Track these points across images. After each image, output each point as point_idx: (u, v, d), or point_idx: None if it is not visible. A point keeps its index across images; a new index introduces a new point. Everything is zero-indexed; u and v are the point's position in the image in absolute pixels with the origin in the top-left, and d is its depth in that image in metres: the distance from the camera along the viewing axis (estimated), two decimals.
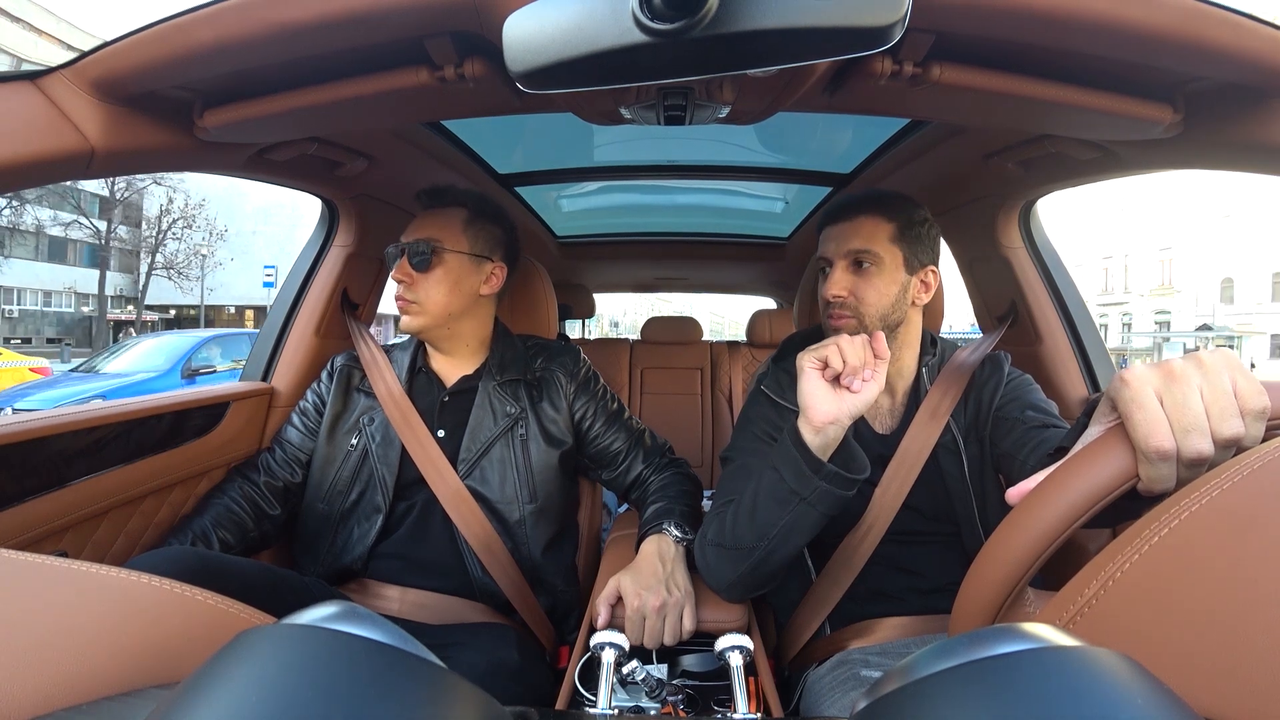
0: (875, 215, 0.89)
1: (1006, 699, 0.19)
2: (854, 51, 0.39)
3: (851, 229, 0.89)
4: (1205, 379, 0.41)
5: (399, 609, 0.96)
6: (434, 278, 1.00)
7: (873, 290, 0.87)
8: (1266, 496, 0.29)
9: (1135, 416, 0.41)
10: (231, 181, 18.74)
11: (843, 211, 0.91)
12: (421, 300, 1.00)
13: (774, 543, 0.74)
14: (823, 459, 0.71)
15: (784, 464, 0.73)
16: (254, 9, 0.58)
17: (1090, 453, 0.43)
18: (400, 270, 0.99)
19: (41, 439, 0.79)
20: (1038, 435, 0.82)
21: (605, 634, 0.71)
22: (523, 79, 0.42)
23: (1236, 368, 0.42)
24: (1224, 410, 0.40)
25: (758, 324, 2.47)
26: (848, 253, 0.89)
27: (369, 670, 0.20)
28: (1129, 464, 0.41)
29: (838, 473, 0.71)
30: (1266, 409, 0.40)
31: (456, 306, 1.02)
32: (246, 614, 0.33)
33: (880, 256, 0.87)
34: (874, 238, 0.88)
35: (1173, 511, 0.32)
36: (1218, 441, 0.40)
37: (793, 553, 0.76)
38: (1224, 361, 0.42)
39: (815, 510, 0.72)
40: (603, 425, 1.09)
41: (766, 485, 0.75)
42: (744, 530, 0.76)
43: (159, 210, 21.97)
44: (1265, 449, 0.32)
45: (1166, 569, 0.31)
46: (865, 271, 0.88)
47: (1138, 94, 0.69)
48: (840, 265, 0.89)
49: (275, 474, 1.05)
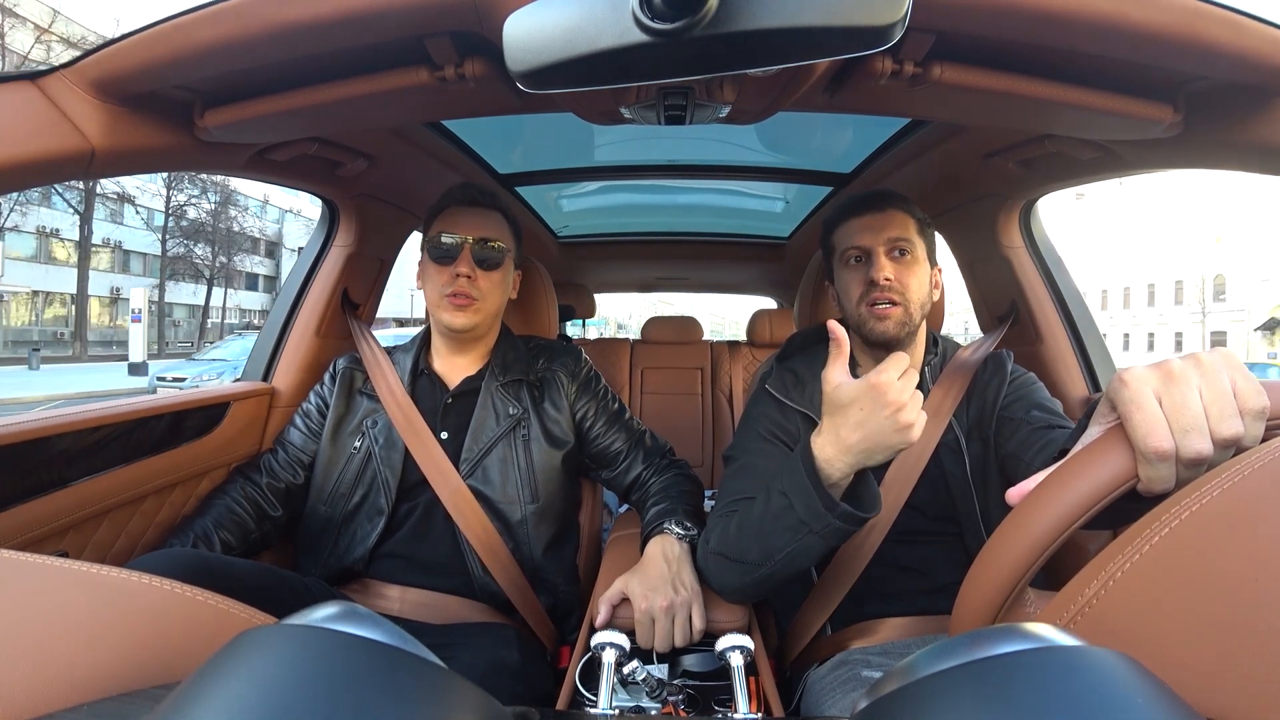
0: (902, 210, 0.91)
1: (1007, 699, 0.19)
2: (854, 51, 0.39)
3: (886, 219, 0.90)
4: (1204, 379, 0.41)
5: (400, 609, 0.96)
6: (496, 277, 1.02)
7: (914, 278, 0.89)
8: (1266, 496, 0.29)
9: (1134, 417, 0.41)
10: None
11: (875, 202, 0.92)
12: (485, 298, 1.00)
13: (778, 565, 0.72)
14: (837, 496, 0.67)
15: (796, 494, 0.68)
16: (254, 9, 0.58)
17: (1089, 453, 0.43)
18: (466, 265, 0.98)
19: (42, 439, 0.79)
20: (1043, 436, 0.81)
21: (606, 634, 0.71)
22: (523, 79, 0.42)
23: (1236, 367, 0.41)
24: (1223, 410, 0.40)
25: (758, 324, 2.47)
26: (889, 240, 0.89)
27: (369, 670, 0.20)
28: (1129, 464, 0.41)
29: (851, 513, 0.66)
30: (1265, 409, 0.39)
31: (503, 308, 1.07)
32: (247, 614, 0.33)
33: (916, 246, 0.90)
34: (907, 228, 0.90)
35: (1173, 511, 0.32)
36: (1217, 442, 0.39)
37: (797, 572, 0.75)
38: (1223, 361, 0.42)
39: (824, 542, 0.69)
40: (603, 425, 1.09)
41: (775, 510, 0.71)
42: (749, 547, 0.74)
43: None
44: (1265, 449, 0.32)
45: (1167, 569, 0.31)
46: (905, 260, 0.89)
47: (1138, 93, 0.69)
48: (881, 251, 0.89)
49: (278, 475, 1.05)
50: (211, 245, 24.08)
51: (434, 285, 1.00)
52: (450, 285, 0.98)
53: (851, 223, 0.93)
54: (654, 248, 2.38)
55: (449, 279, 0.98)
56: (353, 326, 1.22)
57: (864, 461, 0.66)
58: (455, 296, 0.98)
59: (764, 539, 0.72)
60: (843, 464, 0.66)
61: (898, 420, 0.63)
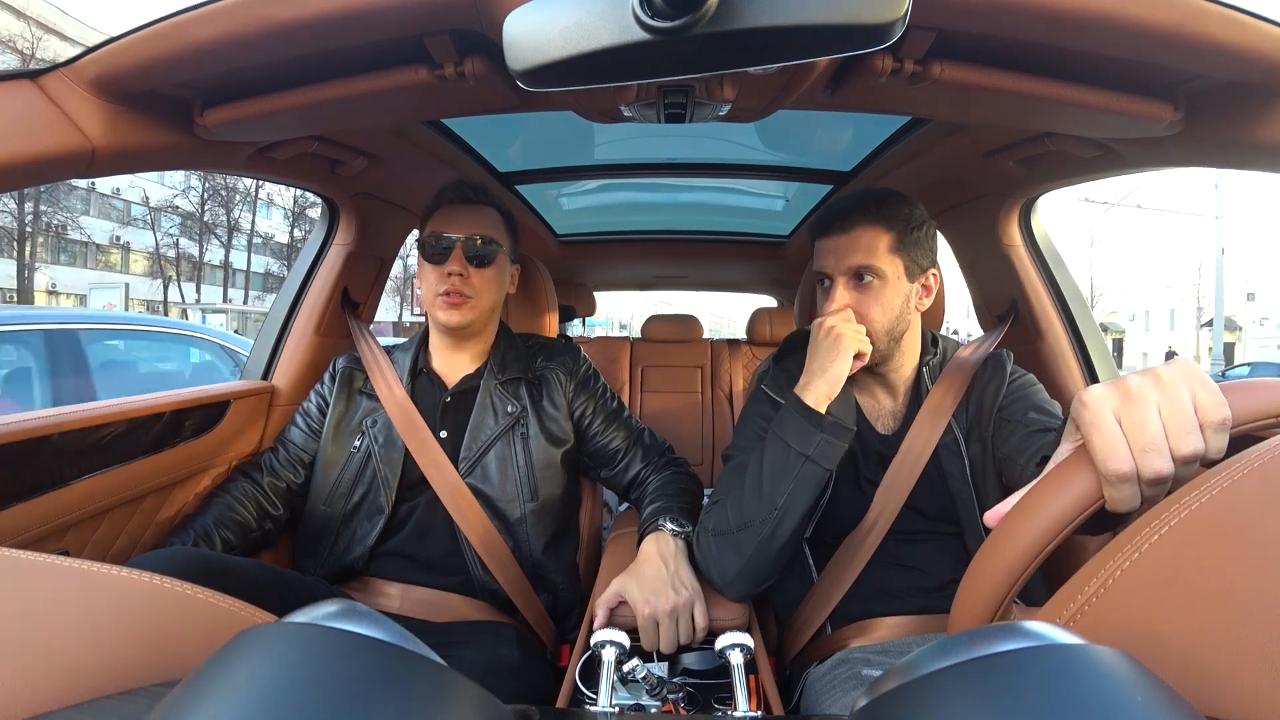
0: (873, 224, 0.85)
1: (1007, 696, 0.19)
2: (854, 49, 0.39)
3: (849, 242, 0.85)
4: (1163, 395, 0.40)
5: (400, 606, 0.96)
6: (489, 274, 1.02)
7: (877, 306, 0.84)
8: (1265, 496, 0.29)
9: (1094, 439, 0.41)
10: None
11: (838, 222, 0.86)
12: (478, 295, 1.00)
13: (782, 512, 0.77)
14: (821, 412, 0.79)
15: (787, 428, 0.79)
16: (254, 7, 0.58)
17: (1055, 478, 0.43)
18: (457, 263, 0.98)
19: (42, 438, 0.79)
20: (1039, 439, 0.81)
21: (606, 632, 0.71)
22: (523, 77, 0.42)
23: (1196, 379, 0.41)
24: (1180, 427, 0.39)
25: (758, 322, 2.47)
26: (848, 269, 0.85)
27: (370, 668, 0.20)
28: (1093, 486, 0.41)
29: (836, 422, 0.78)
30: (1227, 420, 0.39)
31: (498, 304, 1.07)
32: (248, 612, 0.33)
33: (882, 270, 0.84)
34: (873, 250, 0.84)
35: (1172, 510, 0.32)
36: (1177, 459, 0.39)
37: (796, 526, 0.78)
38: (1182, 375, 0.41)
39: (819, 468, 0.77)
40: (602, 423, 1.09)
41: (770, 455, 0.80)
42: (752, 505, 0.79)
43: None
44: (1264, 448, 0.32)
45: (1166, 568, 0.31)
46: (867, 286, 0.85)
47: (1138, 91, 0.69)
48: (840, 282, 0.86)
49: (279, 474, 1.05)
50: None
51: (428, 284, 1.00)
52: (443, 284, 0.98)
53: (820, 242, 0.89)
54: (654, 246, 2.38)
55: (441, 277, 0.99)
56: (352, 326, 1.22)
57: (828, 380, 0.80)
58: (448, 295, 0.98)
59: (765, 488, 0.79)
60: (813, 391, 0.80)
61: (830, 334, 0.81)
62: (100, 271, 23.33)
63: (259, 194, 23.34)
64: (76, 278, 22.09)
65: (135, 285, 23.31)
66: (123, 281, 20.81)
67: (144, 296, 23.40)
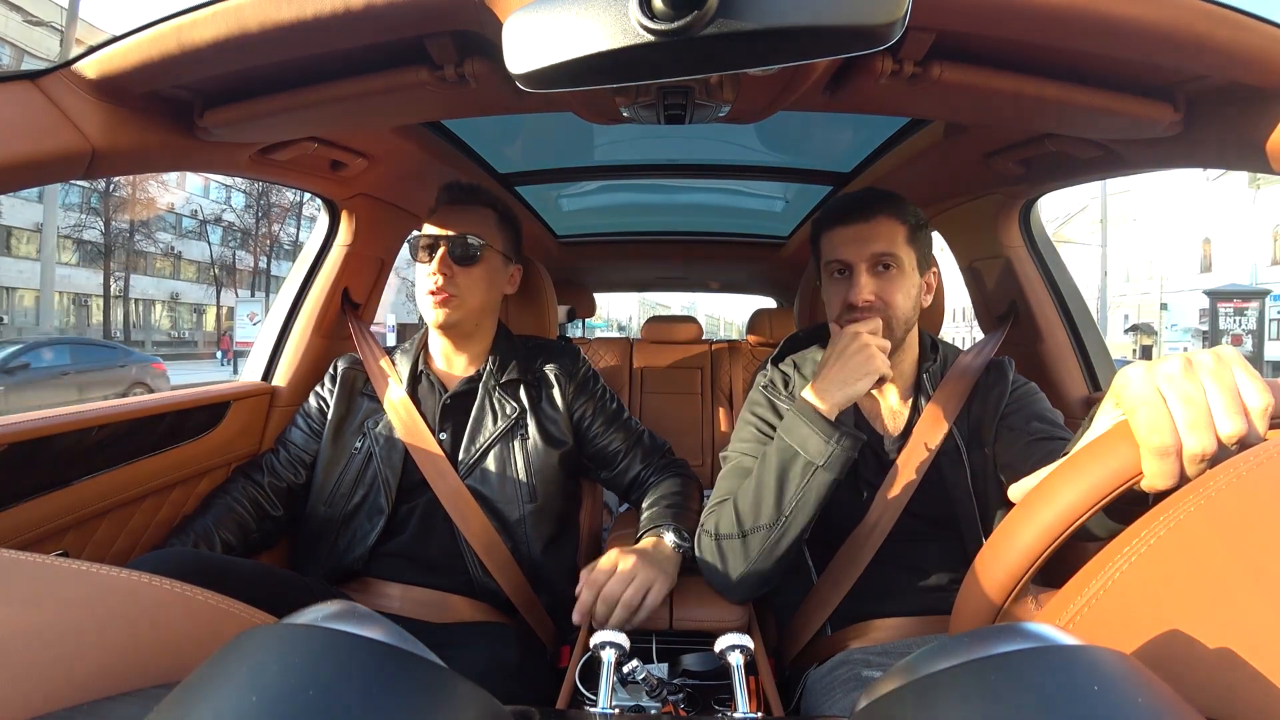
0: (891, 216, 0.87)
1: (1007, 698, 0.19)
2: (854, 50, 0.39)
3: (870, 230, 0.86)
4: (1209, 375, 0.41)
5: (400, 607, 0.96)
6: (476, 274, 1.02)
7: (899, 293, 0.86)
8: (1266, 496, 0.29)
9: (1139, 412, 0.41)
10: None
11: (858, 211, 0.87)
12: (463, 294, 1.00)
13: (789, 518, 0.78)
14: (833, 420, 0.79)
15: (797, 434, 0.79)
16: (253, 8, 0.58)
17: (1094, 449, 0.43)
18: (442, 264, 0.99)
19: (42, 439, 0.79)
20: (1042, 448, 0.81)
21: (606, 633, 0.71)
22: (523, 79, 0.42)
23: (1240, 364, 0.41)
24: (1227, 407, 0.39)
25: (758, 323, 2.47)
26: (871, 255, 0.86)
27: (369, 669, 0.20)
28: (1133, 460, 0.40)
29: (849, 431, 0.78)
30: (1270, 406, 0.39)
31: (490, 304, 1.06)
32: (247, 613, 0.33)
33: (901, 259, 0.86)
34: (894, 240, 0.86)
35: (1173, 511, 0.32)
36: (1221, 439, 0.39)
37: (801, 531, 0.78)
38: (1228, 358, 0.42)
39: (829, 475, 0.77)
40: (601, 425, 1.09)
41: (778, 461, 0.79)
42: (759, 510, 0.79)
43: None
44: (1265, 448, 0.32)
45: (1166, 568, 0.31)
46: (889, 274, 0.86)
47: (1138, 93, 0.69)
48: (863, 268, 0.86)
49: (279, 474, 1.05)
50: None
51: (419, 283, 1.02)
52: (429, 283, 1.00)
53: (837, 232, 0.89)
54: (654, 247, 2.38)
55: (428, 276, 1.00)
56: (353, 326, 1.22)
57: (848, 395, 0.78)
58: (434, 293, 1.00)
59: (773, 495, 0.79)
60: (829, 399, 0.79)
61: (864, 351, 0.78)
62: (154, 279, 24.70)
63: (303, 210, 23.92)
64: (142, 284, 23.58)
65: (186, 290, 25.59)
66: (259, 297, 22.04)
67: (196, 300, 25.78)
